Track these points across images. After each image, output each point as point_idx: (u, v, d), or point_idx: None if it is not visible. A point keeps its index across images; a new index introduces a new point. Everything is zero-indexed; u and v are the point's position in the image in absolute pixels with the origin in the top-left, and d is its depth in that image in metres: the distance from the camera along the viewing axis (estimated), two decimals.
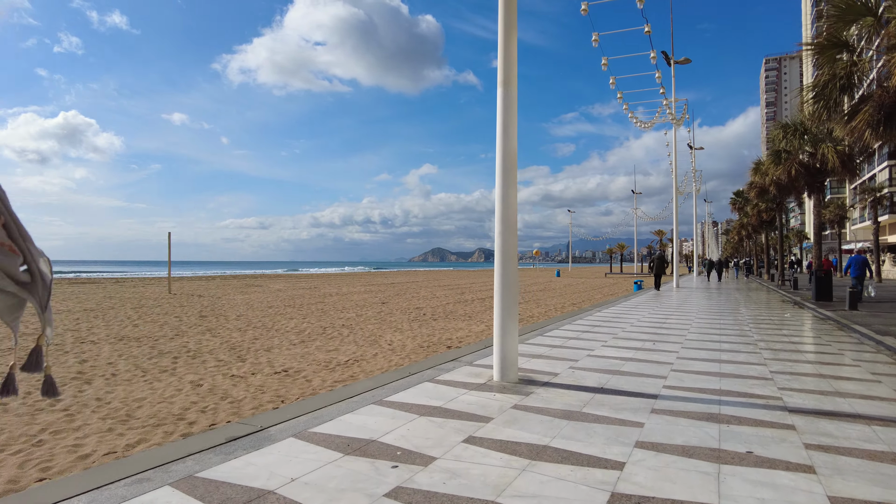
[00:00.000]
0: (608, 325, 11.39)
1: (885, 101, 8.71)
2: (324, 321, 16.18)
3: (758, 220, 41.71)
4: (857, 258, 18.02)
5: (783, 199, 31.54)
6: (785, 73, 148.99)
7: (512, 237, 5.94)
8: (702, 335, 9.80)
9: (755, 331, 10.48)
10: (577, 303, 23.51)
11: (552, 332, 9.96)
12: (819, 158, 18.68)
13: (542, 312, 19.24)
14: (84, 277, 55.23)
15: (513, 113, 5.95)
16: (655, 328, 10.83)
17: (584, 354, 7.61)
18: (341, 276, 66.49)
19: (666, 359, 7.36)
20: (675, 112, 25.48)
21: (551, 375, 6.21)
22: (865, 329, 10.65)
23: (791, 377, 6.22)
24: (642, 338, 9.38)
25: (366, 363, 10.20)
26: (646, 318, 12.71)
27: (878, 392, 5.58)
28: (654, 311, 14.52)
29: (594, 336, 9.53)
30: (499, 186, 5.95)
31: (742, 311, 14.48)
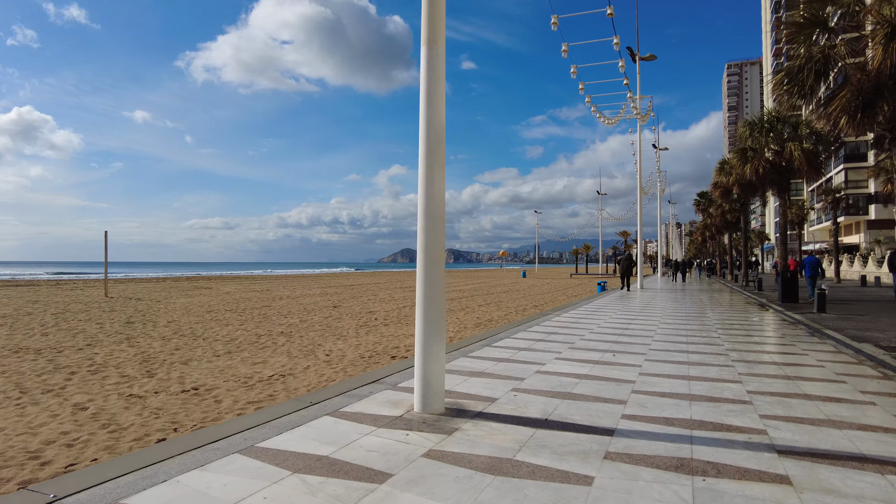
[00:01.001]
0: (566, 331, 10.34)
1: (865, 86, 7.86)
2: (262, 328, 14.79)
3: (722, 221, 41.69)
4: (811, 259, 18.16)
5: (747, 200, 31.30)
6: (746, 79, 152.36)
7: (438, 233, 4.76)
8: (667, 343, 8.82)
9: (724, 338, 9.57)
10: (539, 305, 22.59)
11: (502, 342, 8.84)
12: (786, 157, 18.11)
13: (503, 315, 18.23)
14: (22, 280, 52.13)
15: (439, 77, 4.77)
16: (617, 335, 9.82)
17: (533, 371, 6.49)
18: (302, 277, 64.55)
19: (627, 375, 6.30)
20: (640, 108, 24.82)
21: (487, 402, 5.05)
22: (839, 335, 9.85)
23: (772, 399, 5.21)
24: (601, 348, 8.33)
25: (292, 379, 8.96)
26: (607, 324, 11.72)
27: (875, 418, 4.60)
28: (616, 315, 13.57)
29: (548, 346, 8.43)
30: (422, 169, 4.77)
31: (709, 315, 13.65)
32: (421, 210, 4.75)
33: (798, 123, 18.34)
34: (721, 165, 31.56)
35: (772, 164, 18.43)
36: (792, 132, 18.28)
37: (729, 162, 30.72)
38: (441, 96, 4.79)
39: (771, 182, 19.05)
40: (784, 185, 18.93)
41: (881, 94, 7.72)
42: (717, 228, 47.18)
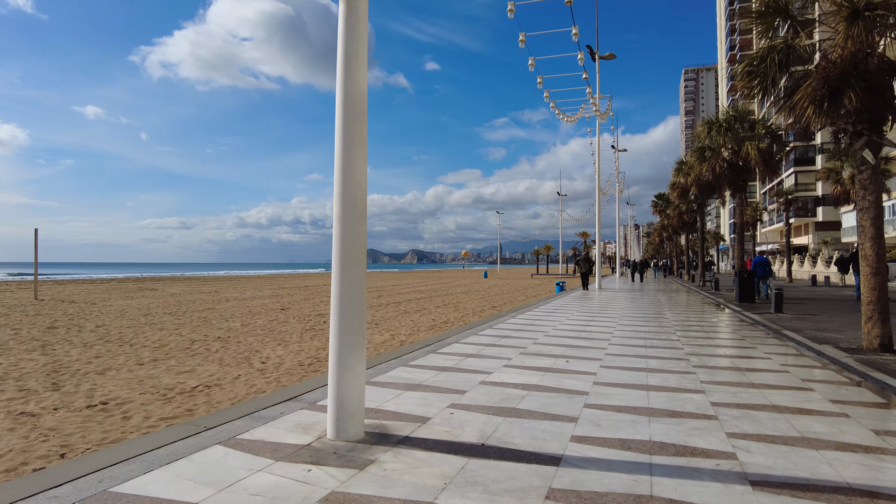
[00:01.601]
0: (520, 334, 9.71)
1: (831, 75, 7.46)
2: (198, 332, 13.72)
3: (679, 222, 42.14)
4: (760, 259, 18.34)
5: (704, 200, 31.56)
6: (702, 84, 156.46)
7: (357, 223, 4.00)
8: (625, 347, 8.27)
9: (684, 340, 9.10)
10: (497, 306, 22.04)
11: (450, 348, 8.13)
12: (742, 156, 18.03)
13: (459, 317, 17.57)
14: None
15: (360, 38, 4.01)
16: (573, 338, 9.24)
17: (478, 381, 5.79)
18: (258, 278, 62.60)
19: (580, 385, 5.66)
20: (600, 107, 24.59)
21: (418, 423, 4.31)
22: (799, 336, 9.52)
23: (739, 413, 4.64)
24: (555, 353, 7.70)
25: (218, 390, 8.07)
26: (563, 326, 11.16)
27: (852, 434, 4.07)
28: (573, 316, 13.05)
29: (498, 351, 7.76)
30: (339, 147, 4.00)
31: (667, 316, 13.27)
32: (337, 195, 3.97)
33: (755, 123, 18.30)
34: (679, 166, 31.73)
35: (729, 164, 18.33)
36: (749, 131, 18.21)
37: (687, 162, 30.89)
38: (362, 60, 4.03)
39: (728, 182, 18.97)
40: (740, 184, 18.88)
41: (847, 82, 7.33)
42: (675, 229, 47.75)
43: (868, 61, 7.69)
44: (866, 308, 7.88)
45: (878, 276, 7.78)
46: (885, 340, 7.73)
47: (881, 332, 7.73)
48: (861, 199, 7.92)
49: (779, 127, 18.53)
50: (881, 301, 7.75)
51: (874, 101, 7.60)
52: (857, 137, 7.87)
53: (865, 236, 7.86)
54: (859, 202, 7.98)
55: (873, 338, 7.79)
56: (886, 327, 7.75)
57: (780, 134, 18.21)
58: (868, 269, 7.83)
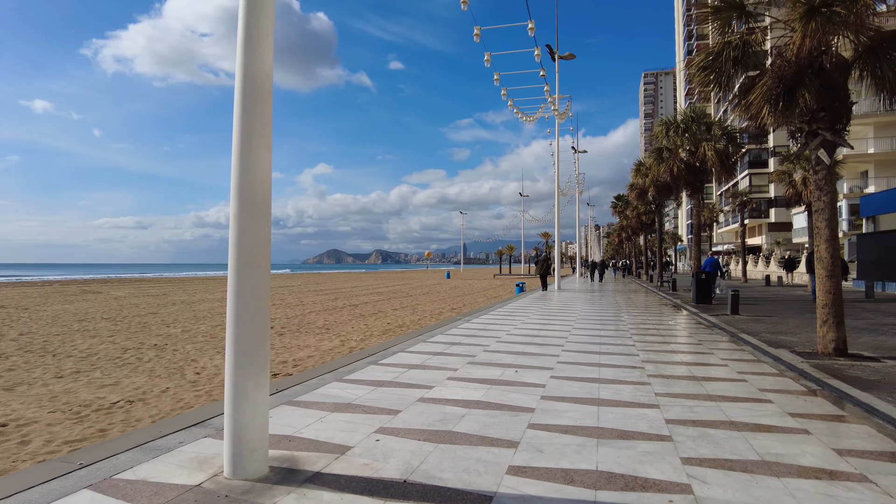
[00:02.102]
0: (471, 340, 9.24)
1: (786, 73, 7.23)
2: (134, 339, 12.82)
3: (637, 223, 42.59)
4: (711, 259, 18.60)
5: (662, 201, 31.83)
6: (661, 88, 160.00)
7: (259, 223, 3.42)
8: (579, 354, 7.88)
9: (640, 346, 8.78)
10: (456, 307, 21.59)
11: (394, 357, 7.58)
12: (699, 157, 18.04)
13: (416, 320, 17.04)
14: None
15: (265, 8, 3.44)
16: (526, 344, 8.82)
17: (415, 398, 5.26)
18: (209, 280, 60.68)
19: (527, 400, 5.20)
20: (559, 107, 24.40)
21: (336, 454, 3.76)
22: (755, 339, 9.34)
23: (695, 432, 4.25)
24: (505, 361, 7.25)
25: (142, 405, 7.37)
26: (518, 330, 10.75)
27: (814, 456, 3.71)
28: (529, 320, 12.67)
29: (445, 361, 7.26)
30: (238, 133, 3.41)
31: (624, 318, 13.03)
32: (234, 191, 3.38)
33: (711, 124, 18.36)
34: (637, 167, 31.95)
35: (686, 165, 18.34)
36: (706, 133, 18.26)
37: (645, 163, 31.11)
38: (268, 35, 3.46)
39: (685, 182, 18.99)
40: (698, 185, 18.92)
41: (802, 81, 7.11)
42: (633, 230, 48.30)
43: (823, 59, 7.51)
44: (821, 311, 7.69)
45: (833, 279, 7.60)
46: (839, 344, 7.55)
47: (836, 336, 7.55)
48: (816, 200, 7.73)
49: (734, 129, 18.64)
50: (836, 304, 7.57)
51: (829, 100, 7.41)
52: (813, 137, 7.68)
53: (821, 238, 7.68)
54: (814, 203, 7.80)
55: (828, 342, 7.60)
56: (841, 331, 7.57)
57: (735, 135, 18.31)
58: (823, 271, 7.64)
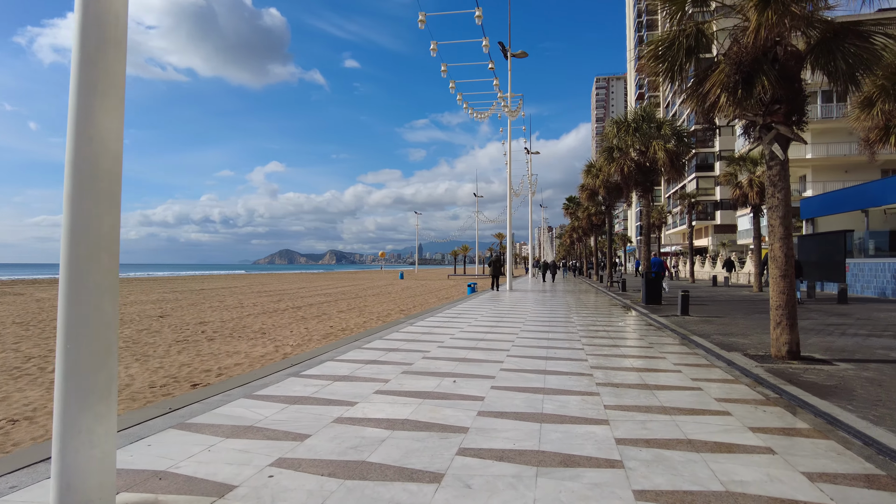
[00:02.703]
0: (412, 346, 8.55)
1: (743, 59, 6.85)
2: (42, 347, 11.59)
3: (588, 224, 42.82)
4: (655, 260, 18.76)
5: (612, 202, 31.95)
6: (613, 92, 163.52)
7: (100, 207, 2.62)
8: (524, 360, 7.30)
9: (589, 349, 8.29)
10: (405, 309, 20.85)
11: (320, 367, 6.80)
12: (650, 157, 17.91)
13: (361, 323, 16.22)
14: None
15: None
16: (469, 349, 8.19)
17: (332, 418, 4.52)
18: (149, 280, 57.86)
19: (462, 417, 4.55)
20: (511, 105, 24.04)
21: (211, 496, 2.99)
22: (707, 342, 9.00)
23: (650, 455, 3.68)
24: (444, 370, 6.59)
25: (27, 425, 6.60)
26: (464, 333, 10.12)
27: (784, 483, 3.20)
28: (477, 322, 12.07)
29: (377, 371, 6.53)
30: (74, 89, 2.61)
31: (574, 320, 12.60)
32: (69, 163, 2.58)
33: (662, 123, 18.26)
34: (588, 168, 31.94)
35: (637, 165, 18.18)
36: (656, 132, 18.14)
37: (595, 164, 31.15)
38: None
39: (636, 183, 18.85)
40: (648, 185, 18.81)
41: (760, 67, 6.73)
42: (584, 231, 48.66)
43: (777, 50, 7.18)
44: (775, 313, 7.36)
45: (787, 280, 7.28)
46: (793, 347, 7.23)
47: (789, 339, 7.22)
48: (770, 197, 7.40)
49: (684, 129, 18.63)
50: (789, 306, 7.25)
51: (786, 90, 7.07)
52: (767, 131, 7.35)
53: (774, 236, 7.34)
54: (768, 199, 7.46)
55: (781, 344, 7.27)
56: (794, 333, 7.25)
57: (684, 135, 18.28)
58: (777, 271, 7.31)
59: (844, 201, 25.25)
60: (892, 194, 22.03)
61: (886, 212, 23.88)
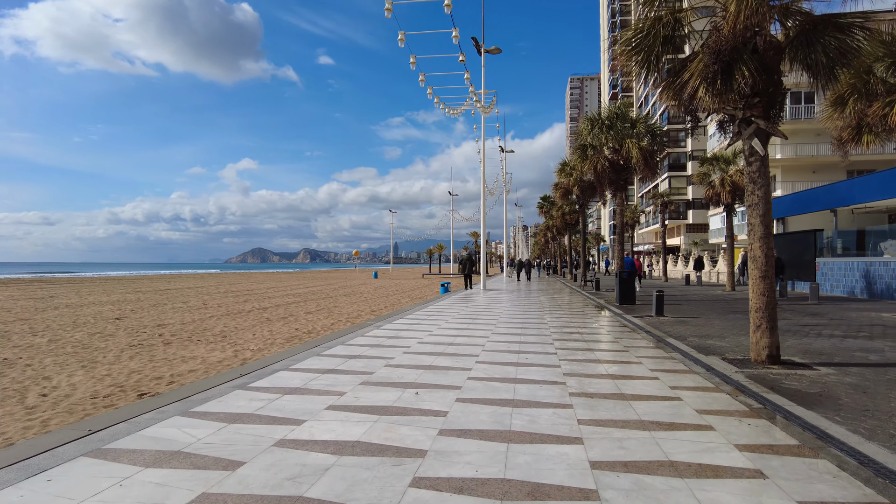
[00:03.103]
0: (375, 351, 8.05)
1: (723, 48, 6.52)
2: None
3: (562, 222, 42.75)
4: (627, 259, 19.05)
5: (586, 201, 31.83)
6: (587, 93, 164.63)
7: None
8: (494, 367, 6.87)
9: (562, 353, 7.89)
10: (376, 310, 20.29)
11: (268, 380, 6.25)
12: (624, 155, 17.67)
13: (329, 325, 15.63)
14: None
15: None
16: (436, 355, 7.72)
17: (272, 441, 4.00)
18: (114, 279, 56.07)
19: (419, 439, 4.07)
20: (485, 101, 23.64)
21: None
22: (684, 345, 8.69)
23: (628, 483, 3.25)
24: (407, 379, 6.10)
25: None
26: (432, 336, 9.65)
27: None
28: (448, 324, 11.61)
29: (333, 381, 6.01)
30: None
31: (547, 321, 12.23)
32: None
33: (636, 121, 18.06)
34: (562, 166, 31.78)
35: (611, 163, 17.93)
36: (630, 129, 17.93)
37: (569, 163, 30.98)
38: None
39: (609, 181, 18.61)
40: (622, 184, 18.60)
41: (740, 56, 6.40)
42: (558, 230, 48.63)
43: (757, 40, 6.87)
44: (754, 315, 7.05)
45: (767, 280, 6.97)
46: (773, 351, 6.93)
47: (769, 342, 6.92)
48: (750, 195, 7.09)
49: (658, 127, 18.46)
50: (769, 308, 6.94)
51: (764, 84, 6.76)
52: (746, 125, 7.03)
53: (754, 235, 7.03)
54: (748, 197, 7.15)
55: (761, 348, 6.96)
56: (774, 336, 6.95)
57: (658, 133, 18.11)
58: (757, 271, 7.00)
59: (814, 201, 25.50)
60: (859, 194, 22.27)
61: (854, 211, 24.17)
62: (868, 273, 19.72)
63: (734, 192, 23.49)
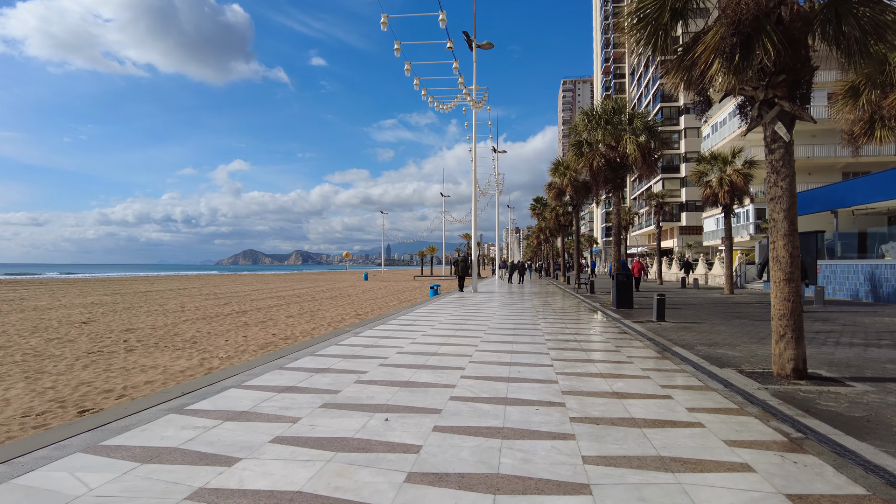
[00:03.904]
0: (347, 363, 7.11)
1: (743, 18, 5.66)
2: None
3: (555, 224, 42.00)
4: (621, 261, 17.93)
5: (580, 202, 31.06)
6: (579, 95, 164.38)
7: None
8: (481, 383, 5.96)
9: (559, 366, 7.00)
10: (362, 313, 19.35)
11: (214, 399, 5.30)
12: (620, 151, 16.85)
13: (309, 329, 14.69)
14: None
15: None
16: (417, 368, 6.80)
17: (187, 492, 3.07)
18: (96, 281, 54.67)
19: (379, 489, 3.15)
20: (476, 97, 22.77)
21: None
22: (693, 355, 7.83)
23: None
24: (378, 399, 5.18)
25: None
26: (415, 345, 8.73)
27: None
28: (434, 330, 10.68)
29: (290, 403, 5.07)
30: None
31: (541, 327, 11.34)
32: None
33: (633, 116, 17.24)
34: (556, 166, 31.01)
35: (607, 160, 17.09)
36: (627, 124, 17.11)
37: (563, 162, 30.20)
38: None
39: (605, 180, 17.77)
40: (618, 182, 17.76)
41: (762, 28, 5.54)
42: (551, 231, 47.88)
43: (781, 10, 6.03)
44: (778, 323, 6.19)
45: (792, 284, 6.11)
46: (799, 364, 6.07)
47: (795, 354, 6.06)
48: (772, 186, 6.24)
49: (656, 122, 17.67)
50: (795, 315, 6.08)
51: (790, 60, 5.91)
52: (769, 108, 6.18)
53: (778, 233, 6.18)
54: (769, 189, 6.30)
55: (786, 361, 6.10)
56: (801, 348, 6.09)
57: (656, 129, 17.32)
58: (780, 273, 6.14)
59: (813, 202, 24.81)
60: (860, 195, 21.58)
61: (854, 213, 23.49)
62: (873, 276, 18.99)
63: (733, 192, 22.74)
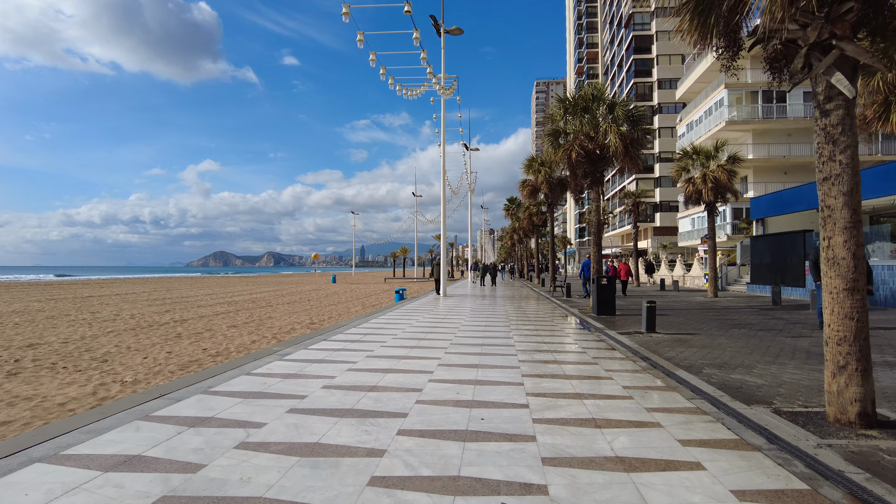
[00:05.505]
0: (250, 405, 5.22)
1: None
2: None
3: (529, 224, 40.54)
4: (587, 263, 18.02)
5: (555, 200, 29.60)
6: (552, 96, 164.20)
7: None
8: (426, 443, 4.14)
9: (537, 404, 5.23)
10: (316, 322, 17.44)
11: (97, 443, 3.39)
12: (600, 142, 15.25)
13: (250, 343, 12.78)
14: None
15: None
16: (340, 416, 4.94)
17: None
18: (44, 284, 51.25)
19: None
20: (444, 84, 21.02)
21: None
22: (703, 383, 6.15)
23: None
24: (255, 486, 3.34)
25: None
26: (352, 373, 6.86)
27: None
28: (383, 349, 8.76)
29: (207, 441, 3.19)
30: None
31: (514, 342, 9.58)
32: None
33: (615, 104, 15.65)
34: (530, 162, 29.53)
35: (586, 152, 15.44)
36: (607, 113, 15.52)
37: (538, 158, 28.71)
38: None
39: (585, 173, 16.14)
40: (598, 176, 16.15)
41: None
42: (525, 232, 46.43)
43: None
44: (835, 349, 4.51)
45: (857, 295, 4.44)
46: (867, 407, 4.40)
47: (862, 393, 4.39)
48: (827, 161, 4.58)
49: (639, 109, 16.12)
50: (861, 338, 4.42)
51: None
52: (823, 52, 4.53)
53: (835, 226, 4.52)
54: (822, 166, 4.64)
55: (848, 402, 4.43)
56: (869, 383, 4.42)
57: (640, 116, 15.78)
58: (840, 281, 4.47)
59: (797, 200, 23.74)
60: None
61: None
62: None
63: (717, 189, 21.43)
